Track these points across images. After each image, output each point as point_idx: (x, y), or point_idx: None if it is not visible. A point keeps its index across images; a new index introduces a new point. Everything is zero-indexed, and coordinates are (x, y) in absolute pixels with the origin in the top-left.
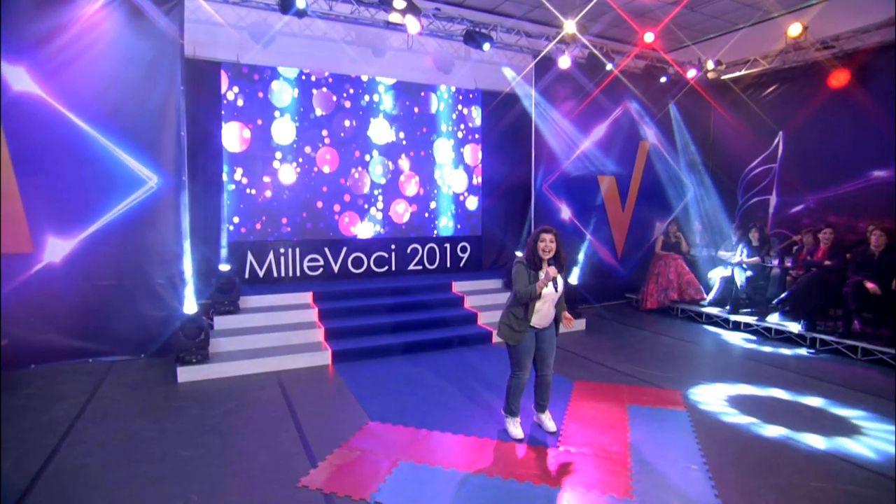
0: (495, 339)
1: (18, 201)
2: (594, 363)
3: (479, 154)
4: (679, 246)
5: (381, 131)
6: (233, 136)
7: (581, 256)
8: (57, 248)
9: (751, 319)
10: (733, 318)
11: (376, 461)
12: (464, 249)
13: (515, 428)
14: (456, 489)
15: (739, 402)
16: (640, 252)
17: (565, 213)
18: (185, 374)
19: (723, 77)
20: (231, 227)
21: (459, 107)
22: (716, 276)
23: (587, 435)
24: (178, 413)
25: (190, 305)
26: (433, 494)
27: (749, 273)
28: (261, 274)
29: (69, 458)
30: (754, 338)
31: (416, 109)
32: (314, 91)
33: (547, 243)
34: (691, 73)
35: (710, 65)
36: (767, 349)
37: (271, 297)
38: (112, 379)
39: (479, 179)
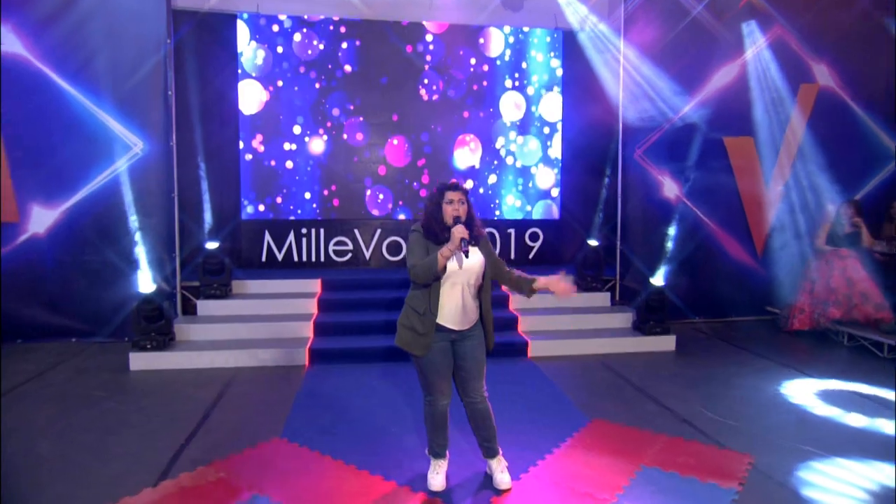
0: (533, 351)
1: (6, 168)
2: (648, 397)
3: (559, 113)
4: (857, 238)
5: (427, 89)
6: (250, 98)
7: (690, 250)
8: (42, 219)
9: None
10: None
11: (227, 492)
12: (534, 237)
13: (434, 475)
14: None
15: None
16: (791, 248)
17: (669, 188)
18: (139, 361)
19: None
20: (247, 203)
21: (533, 52)
22: None
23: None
24: (88, 403)
25: (146, 284)
26: None
27: None
28: (280, 257)
29: None
30: None
31: (472, 60)
32: (343, 44)
33: (455, 205)
34: None
35: None
36: None
37: (272, 282)
38: (71, 361)
39: (559, 147)
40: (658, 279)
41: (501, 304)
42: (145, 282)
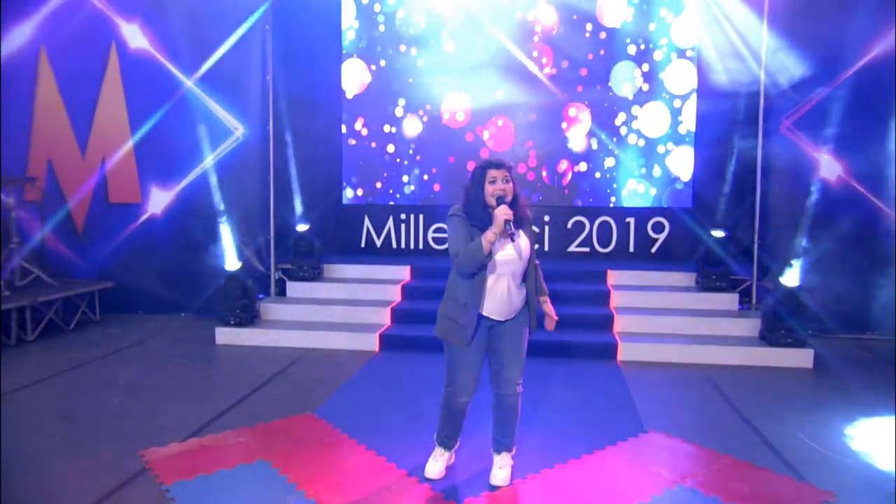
0: (624, 354)
1: (131, 153)
2: (739, 417)
3: (693, 82)
4: None
5: (536, 62)
6: (352, 79)
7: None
8: (159, 200)
9: None
10: None
11: (238, 454)
12: (658, 227)
13: (432, 462)
14: None
15: None
16: None
17: (829, 168)
18: (223, 335)
19: None
20: (347, 187)
21: (663, 11)
22: None
23: None
24: (167, 368)
25: (231, 262)
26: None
27: None
28: (378, 243)
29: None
30: None
31: (588, 25)
32: (447, 18)
33: (499, 184)
34: None
35: None
36: None
37: (362, 267)
38: (172, 332)
39: (691, 122)
40: (793, 278)
41: (599, 301)
42: (231, 260)
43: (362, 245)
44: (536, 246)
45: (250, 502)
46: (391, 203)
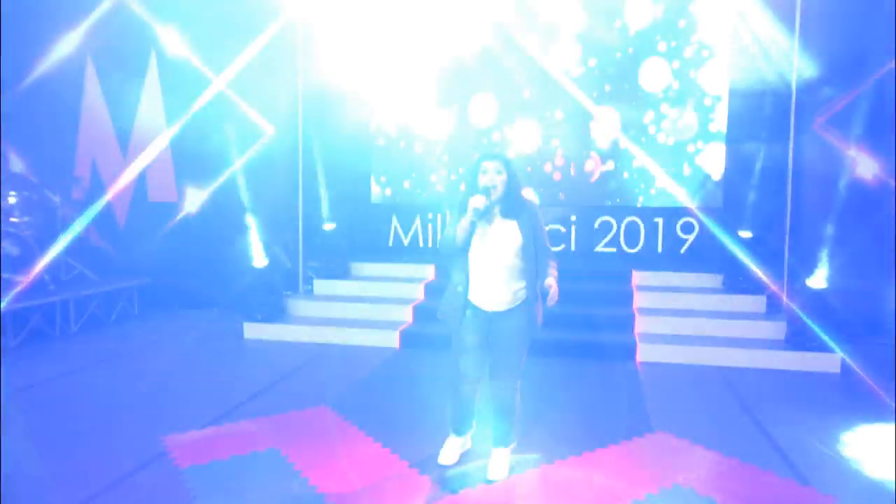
0: (643, 355)
1: (168, 153)
2: (752, 420)
3: (725, 80)
4: None
5: (562, 60)
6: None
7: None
8: (194, 199)
9: None
10: None
11: (252, 442)
12: (688, 228)
13: (444, 448)
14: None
15: None
16: None
17: (864, 167)
18: (251, 330)
19: None
20: (375, 186)
21: (693, 8)
22: None
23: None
24: (195, 360)
25: (259, 259)
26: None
27: None
28: (405, 241)
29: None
30: None
31: (616, 22)
32: (473, 16)
33: (490, 175)
34: None
35: None
36: None
37: (387, 266)
38: (204, 327)
39: (723, 120)
40: (820, 280)
41: (622, 302)
42: (259, 258)
43: (390, 244)
44: (555, 246)
45: (257, 486)
46: (418, 202)
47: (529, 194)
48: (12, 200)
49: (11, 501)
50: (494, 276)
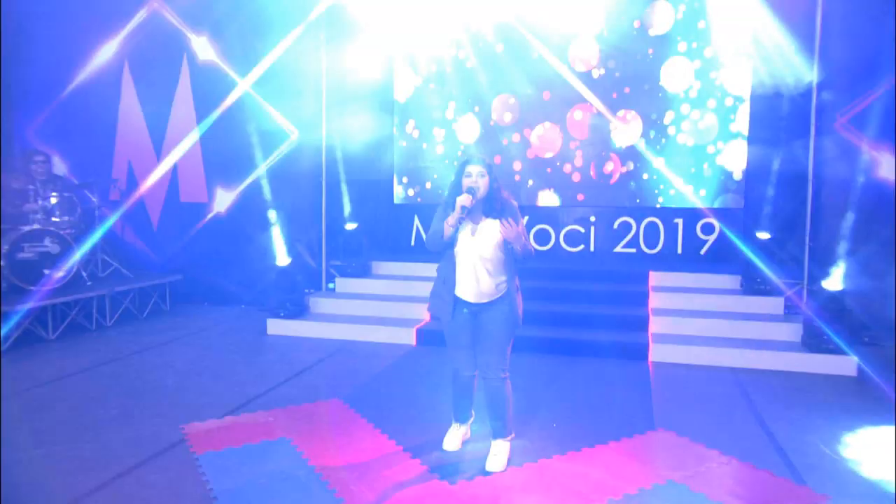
0: (656, 355)
1: (199, 155)
2: (756, 420)
3: (747, 80)
4: None
5: (583, 61)
6: (404, 82)
7: None
8: (223, 199)
9: None
10: None
11: (265, 431)
12: (708, 229)
13: (447, 435)
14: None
15: None
16: None
17: (887, 167)
18: (274, 326)
19: None
20: (398, 187)
21: (714, 9)
22: None
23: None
24: (219, 354)
25: (283, 258)
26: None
27: None
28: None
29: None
30: None
31: (635, 24)
32: (493, 19)
33: (474, 178)
34: None
35: None
36: None
37: (407, 265)
38: (230, 322)
39: (745, 121)
40: (836, 281)
41: (637, 302)
42: (282, 256)
43: (411, 244)
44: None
45: (266, 472)
46: (438, 204)
47: (508, 196)
48: (54, 201)
49: (43, 476)
50: (476, 271)
